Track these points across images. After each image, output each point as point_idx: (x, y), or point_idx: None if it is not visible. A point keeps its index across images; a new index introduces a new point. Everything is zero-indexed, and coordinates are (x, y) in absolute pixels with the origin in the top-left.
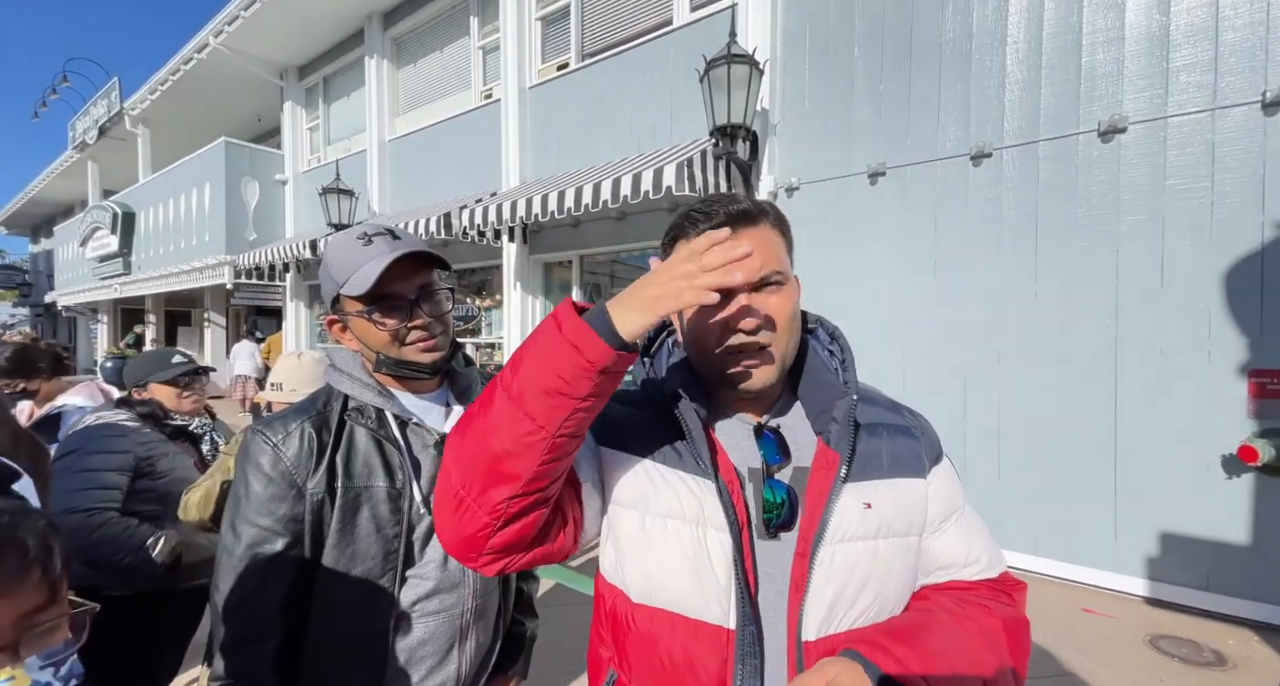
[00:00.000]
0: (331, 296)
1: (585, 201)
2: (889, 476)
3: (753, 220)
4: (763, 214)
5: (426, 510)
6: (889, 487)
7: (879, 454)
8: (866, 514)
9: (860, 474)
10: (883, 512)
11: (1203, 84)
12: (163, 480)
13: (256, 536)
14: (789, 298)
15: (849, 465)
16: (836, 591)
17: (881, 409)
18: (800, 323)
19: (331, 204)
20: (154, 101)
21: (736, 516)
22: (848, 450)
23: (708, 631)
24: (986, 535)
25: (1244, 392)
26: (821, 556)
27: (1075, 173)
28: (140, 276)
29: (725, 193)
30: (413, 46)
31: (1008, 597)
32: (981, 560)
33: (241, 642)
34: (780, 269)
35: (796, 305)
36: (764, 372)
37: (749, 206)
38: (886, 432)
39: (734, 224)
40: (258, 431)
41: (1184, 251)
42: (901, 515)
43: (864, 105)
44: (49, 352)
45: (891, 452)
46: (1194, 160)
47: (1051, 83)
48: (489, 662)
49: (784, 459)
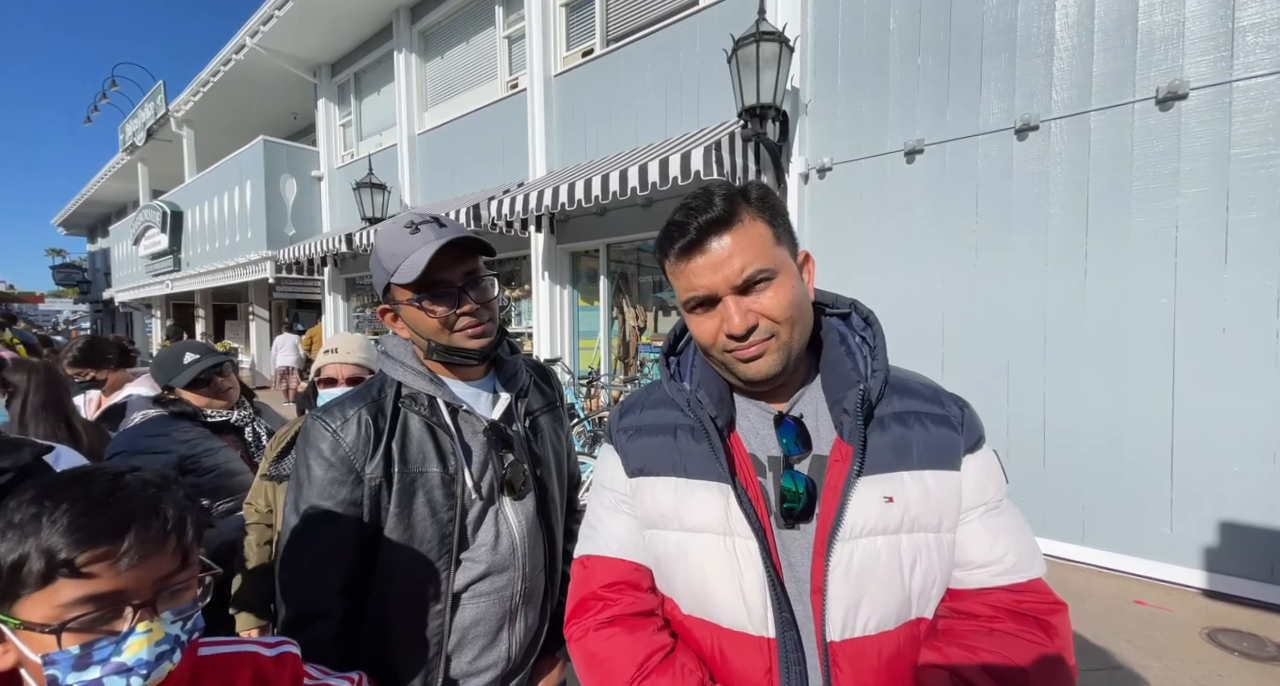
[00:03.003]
0: (383, 285)
1: (613, 189)
2: (918, 468)
3: (725, 224)
4: (738, 211)
5: (478, 495)
6: (917, 480)
7: (908, 445)
8: (888, 508)
9: (880, 466)
10: (908, 506)
11: (1271, 44)
12: (209, 475)
13: (317, 519)
14: (784, 288)
15: (863, 458)
16: (856, 591)
17: (917, 398)
18: (807, 305)
19: (365, 198)
20: (196, 103)
21: (758, 515)
22: (860, 442)
23: (751, 643)
24: (1020, 537)
25: None
26: (838, 554)
27: (1130, 144)
28: (189, 272)
29: (704, 190)
30: (440, 39)
31: (1039, 631)
32: (1004, 561)
33: (302, 619)
34: (765, 265)
35: (796, 291)
36: (765, 362)
37: (720, 211)
38: (920, 422)
39: (706, 236)
40: (318, 417)
41: (1250, 226)
42: (931, 509)
43: (900, 80)
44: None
45: (925, 443)
46: (1262, 127)
47: (1105, 48)
48: (536, 644)
49: (804, 448)
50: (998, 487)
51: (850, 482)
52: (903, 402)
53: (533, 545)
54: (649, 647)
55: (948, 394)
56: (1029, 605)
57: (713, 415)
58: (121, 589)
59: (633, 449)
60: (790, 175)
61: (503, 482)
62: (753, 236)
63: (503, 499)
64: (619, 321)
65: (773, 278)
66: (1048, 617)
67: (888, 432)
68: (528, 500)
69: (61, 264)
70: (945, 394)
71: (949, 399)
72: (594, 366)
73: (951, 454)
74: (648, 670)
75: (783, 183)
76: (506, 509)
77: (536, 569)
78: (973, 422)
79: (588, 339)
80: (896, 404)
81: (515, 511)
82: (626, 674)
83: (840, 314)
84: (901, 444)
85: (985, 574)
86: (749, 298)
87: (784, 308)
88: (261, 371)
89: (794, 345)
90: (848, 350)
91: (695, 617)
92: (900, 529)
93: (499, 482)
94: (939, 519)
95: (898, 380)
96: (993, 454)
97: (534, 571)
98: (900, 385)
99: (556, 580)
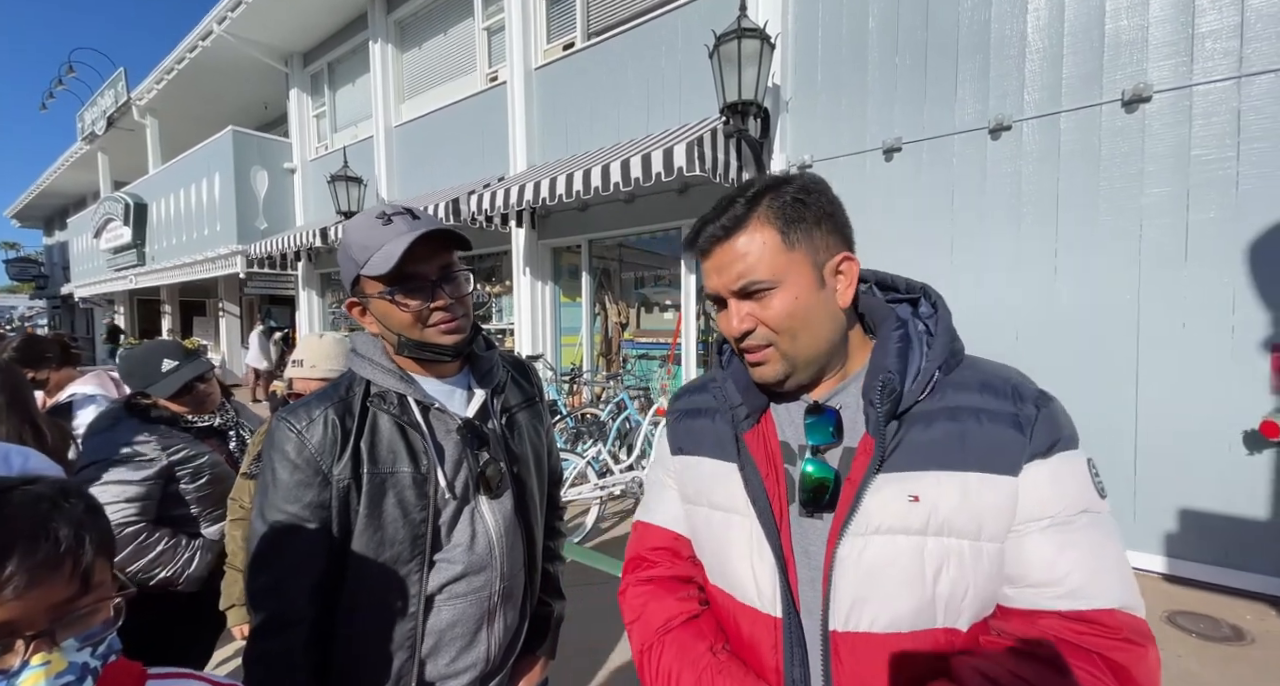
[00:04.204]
0: (352, 278)
1: (595, 184)
2: (959, 469)
3: (730, 230)
4: (748, 216)
5: (452, 495)
6: (955, 481)
7: (953, 442)
8: (913, 507)
9: (909, 462)
10: (937, 508)
11: (1229, 50)
12: (197, 482)
13: (284, 523)
14: (783, 299)
15: (886, 452)
16: (864, 586)
17: (983, 392)
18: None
19: (340, 191)
20: (160, 91)
21: (768, 498)
22: (882, 436)
23: (761, 619)
24: (1097, 559)
25: (1267, 368)
26: (848, 547)
27: (1098, 144)
28: (154, 267)
29: (743, 186)
30: (416, 29)
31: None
32: (1065, 582)
33: (271, 626)
34: (761, 276)
35: (800, 302)
36: (768, 369)
37: (727, 217)
38: (976, 418)
39: (710, 241)
40: (282, 419)
41: (1209, 224)
42: (969, 514)
43: (879, 79)
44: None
45: (975, 442)
46: (1220, 130)
47: (1074, 51)
48: (517, 644)
49: (836, 439)
50: (1074, 501)
51: (869, 477)
52: (960, 396)
53: (511, 544)
54: (675, 610)
55: (1031, 390)
56: (1090, 638)
57: (735, 404)
58: (8, 620)
59: (678, 429)
60: (772, 171)
61: (478, 481)
62: (754, 245)
63: (479, 498)
64: (601, 318)
65: (772, 287)
66: (1112, 654)
67: (931, 428)
68: (505, 498)
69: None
70: (1027, 390)
71: (1029, 396)
72: (576, 363)
73: (1007, 456)
74: (669, 628)
75: None
76: (483, 508)
77: (515, 568)
78: (1050, 424)
79: (570, 335)
80: (951, 397)
81: (492, 510)
82: (652, 629)
83: (909, 299)
84: (944, 441)
85: (1039, 595)
86: (749, 303)
87: (780, 318)
88: (233, 370)
89: (798, 354)
90: (907, 340)
91: (718, 587)
92: (927, 531)
93: (474, 481)
94: (978, 525)
95: (966, 372)
96: (1078, 462)
97: (513, 570)
98: (966, 378)
99: (536, 578)
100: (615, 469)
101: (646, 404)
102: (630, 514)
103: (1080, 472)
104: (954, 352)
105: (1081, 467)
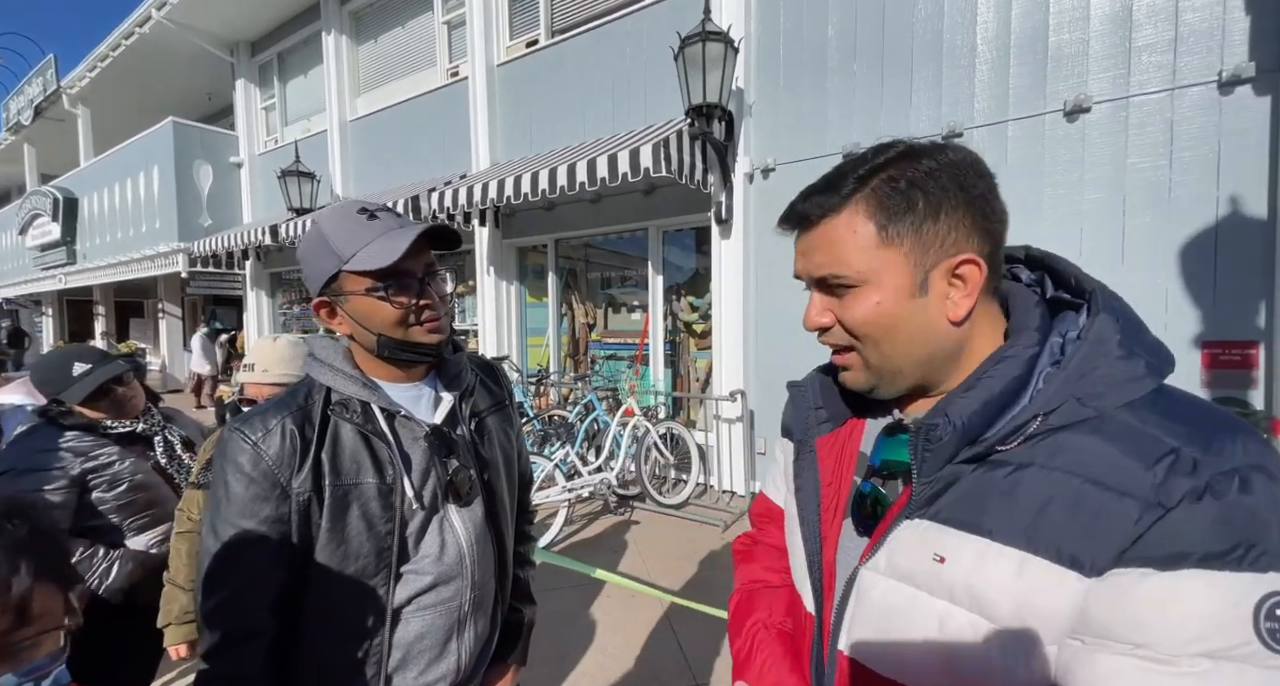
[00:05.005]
0: (328, 275)
1: (561, 183)
2: (1021, 547)
3: (820, 212)
4: (844, 201)
5: (419, 505)
6: (1010, 558)
7: (1027, 509)
8: (938, 567)
9: (952, 517)
10: (972, 578)
11: (1162, 64)
12: (115, 490)
13: (239, 538)
14: (864, 301)
15: (925, 497)
16: (872, 621)
17: (1113, 450)
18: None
19: (292, 187)
20: (94, 79)
21: (819, 506)
22: (922, 478)
23: (804, 609)
24: None
25: (1198, 363)
26: (866, 579)
27: (1042, 152)
28: (87, 266)
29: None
30: (372, 21)
31: None
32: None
33: (227, 645)
34: (841, 271)
35: (884, 308)
36: (850, 376)
37: (821, 196)
38: (1081, 486)
39: (800, 220)
40: (235, 429)
41: (1144, 228)
42: (1014, 601)
43: (838, 85)
44: None
45: (1058, 517)
46: (1153, 139)
47: (1020, 62)
48: (488, 652)
49: None
50: (1192, 639)
51: (899, 518)
52: (1077, 451)
53: (482, 552)
54: (758, 575)
55: (1215, 466)
56: None
57: (815, 406)
58: None
59: (788, 411)
60: (736, 174)
61: (447, 490)
62: (840, 234)
63: (447, 506)
64: (568, 318)
65: (854, 286)
66: None
67: (1005, 484)
68: (475, 506)
69: None
70: (1193, 460)
71: (1190, 473)
72: (543, 364)
73: (1086, 547)
74: (749, 590)
75: (729, 181)
76: (452, 516)
77: (486, 575)
78: (1191, 524)
79: (536, 336)
80: (1062, 449)
81: (462, 519)
82: (739, 583)
83: (1072, 305)
84: (1015, 505)
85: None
86: (830, 297)
87: (857, 322)
88: (174, 374)
89: (880, 366)
90: (1030, 366)
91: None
92: (954, 599)
93: (443, 490)
94: (1022, 619)
95: (1120, 418)
96: (1232, 592)
97: (483, 578)
98: (1113, 428)
99: (507, 585)
100: (583, 471)
101: (615, 405)
102: (599, 516)
103: (1226, 605)
104: (1096, 393)
105: (1234, 599)
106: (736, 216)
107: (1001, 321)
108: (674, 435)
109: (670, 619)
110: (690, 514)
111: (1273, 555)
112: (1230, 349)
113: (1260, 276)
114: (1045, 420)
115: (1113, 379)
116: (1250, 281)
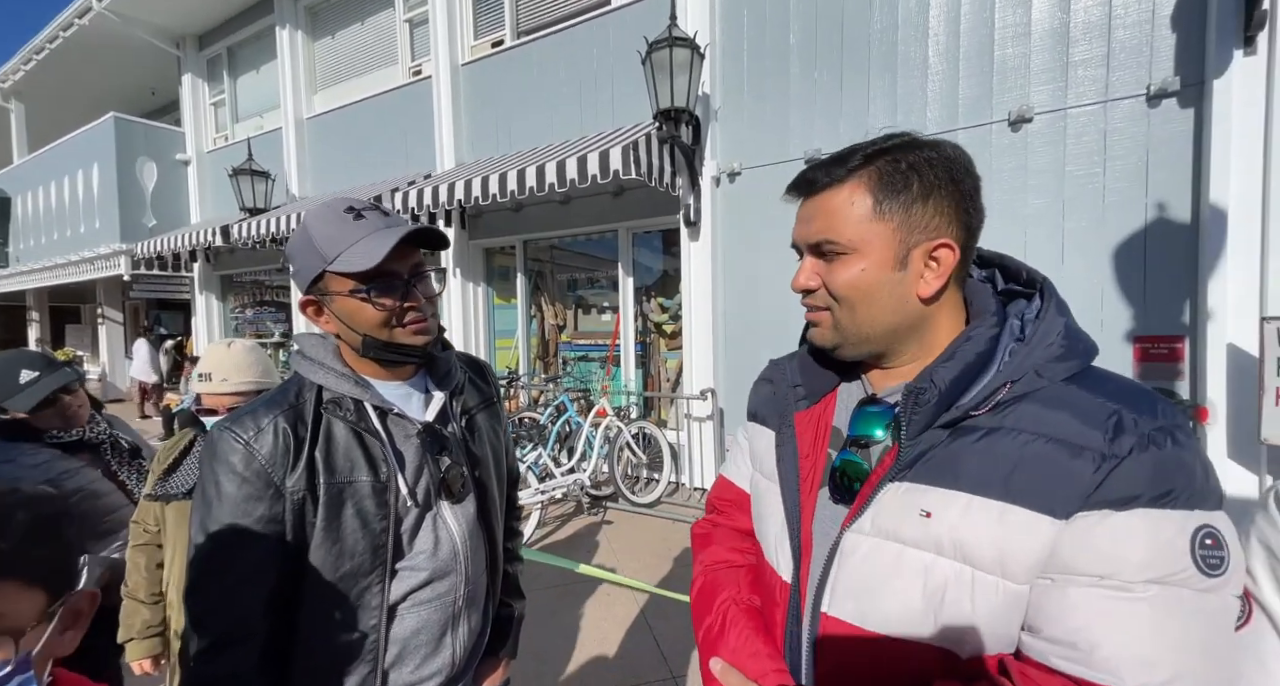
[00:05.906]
0: (313, 274)
1: (530, 184)
2: (997, 498)
3: (825, 182)
4: (848, 175)
5: (413, 502)
6: (990, 510)
7: (999, 466)
8: (925, 522)
9: (934, 477)
10: (956, 530)
11: (1097, 78)
12: (70, 500)
13: (232, 539)
14: (851, 267)
15: (909, 460)
16: (858, 580)
17: (1067, 415)
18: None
19: (244, 186)
20: (29, 73)
21: (799, 477)
22: (905, 442)
23: (779, 582)
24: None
25: (1130, 357)
26: (850, 541)
27: (990, 160)
28: (20, 269)
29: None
30: (329, 17)
31: None
32: (1095, 653)
33: (220, 646)
34: (836, 238)
35: (867, 277)
36: (818, 333)
37: (828, 170)
38: (1043, 445)
39: (807, 188)
40: (226, 428)
41: (1081, 232)
42: (994, 547)
43: (800, 92)
44: None
45: (1028, 472)
46: (1089, 148)
47: (968, 74)
48: (481, 646)
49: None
50: (1142, 566)
51: (884, 481)
52: (1038, 416)
53: (474, 547)
54: (722, 557)
55: (1147, 426)
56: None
57: (794, 383)
58: None
59: (755, 396)
60: (704, 177)
61: (440, 486)
62: (840, 204)
63: (440, 503)
64: (538, 320)
65: (845, 253)
66: None
67: (980, 445)
68: (467, 502)
69: None
70: (1137, 424)
71: (1133, 431)
72: (512, 366)
73: (1058, 496)
74: (714, 569)
75: (697, 185)
76: (445, 513)
77: (479, 571)
78: (1144, 472)
79: (504, 338)
80: (1024, 416)
81: (455, 515)
82: (702, 565)
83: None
84: (990, 463)
85: (1051, 650)
86: (821, 261)
87: (841, 285)
88: (115, 382)
89: (849, 328)
90: (994, 342)
91: (759, 545)
92: (940, 550)
93: (436, 487)
94: (1001, 562)
95: (1070, 390)
96: (1171, 525)
97: (476, 574)
98: (1064, 396)
99: (498, 580)
100: (556, 472)
101: (587, 406)
102: (573, 517)
103: (1169, 537)
104: (1050, 365)
105: (1174, 532)
106: (705, 219)
107: (963, 309)
108: (646, 435)
109: (646, 615)
110: (663, 512)
111: (1199, 495)
112: (1159, 343)
113: (1184, 275)
114: (1011, 388)
115: (1062, 356)
116: (1176, 280)
